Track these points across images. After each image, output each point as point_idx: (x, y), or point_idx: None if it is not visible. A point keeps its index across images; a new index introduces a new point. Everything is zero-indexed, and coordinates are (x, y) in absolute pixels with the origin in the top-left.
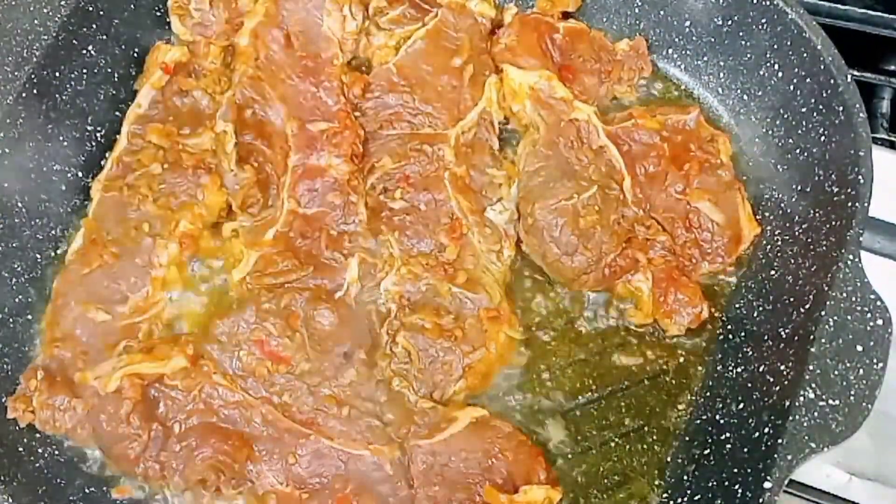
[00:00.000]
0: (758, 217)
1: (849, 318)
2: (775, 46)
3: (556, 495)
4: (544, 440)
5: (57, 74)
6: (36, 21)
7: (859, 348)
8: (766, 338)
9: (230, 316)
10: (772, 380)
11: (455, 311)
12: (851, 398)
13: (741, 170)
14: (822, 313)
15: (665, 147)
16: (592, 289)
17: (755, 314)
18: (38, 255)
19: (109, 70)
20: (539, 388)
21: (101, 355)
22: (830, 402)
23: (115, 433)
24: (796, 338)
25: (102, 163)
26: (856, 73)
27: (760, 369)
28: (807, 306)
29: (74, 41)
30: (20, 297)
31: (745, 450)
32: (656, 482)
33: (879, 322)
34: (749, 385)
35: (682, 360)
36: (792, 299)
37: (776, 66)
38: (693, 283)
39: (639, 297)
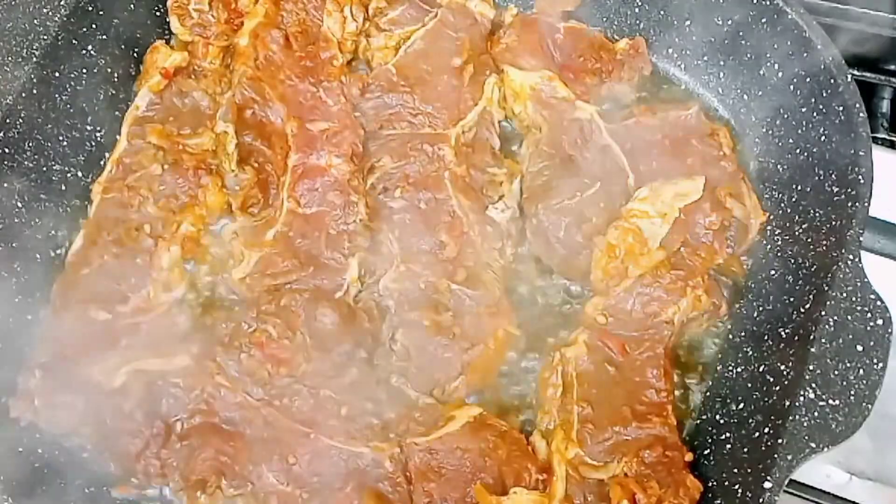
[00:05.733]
0: None
1: (849, 317)
2: (775, 46)
3: (545, 502)
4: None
5: (57, 74)
6: (36, 21)
7: (859, 348)
8: (766, 338)
9: (231, 317)
10: (772, 380)
11: (454, 309)
12: (851, 398)
13: (741, 169)
14: (822, 313)
15: (667, 143)
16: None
17: (755, 314)
18: (38, 256)
19: (109, 70)
20: (538, 385)
21: (103, 353)
22: (830, 402)
23: (118, 428)
24: (796, 338)
25: (102, 163)
26: (856, 72)
27: (760, 369)
28: (807, 306)
29: (74, 41)
30: (20, 297)
31: (745, 450)
32: None
33: (879, 322)
34: (749, 385)
35: (682, 359)
36: (792, 299)
37: (776, 66)
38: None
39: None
